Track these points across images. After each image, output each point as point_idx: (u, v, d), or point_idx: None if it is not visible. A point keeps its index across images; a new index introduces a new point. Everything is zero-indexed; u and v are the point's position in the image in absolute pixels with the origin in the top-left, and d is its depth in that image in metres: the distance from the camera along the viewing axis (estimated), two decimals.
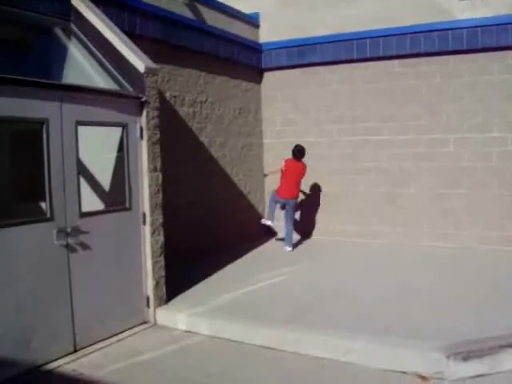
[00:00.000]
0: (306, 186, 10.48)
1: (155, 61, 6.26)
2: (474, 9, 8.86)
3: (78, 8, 6.27)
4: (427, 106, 9.38)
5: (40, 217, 4.89)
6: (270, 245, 10.03)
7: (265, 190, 11.03)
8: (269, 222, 9.54)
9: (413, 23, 9.20)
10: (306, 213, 10.57)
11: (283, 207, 9.50)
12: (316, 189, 10.47)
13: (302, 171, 9.33)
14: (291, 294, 6.57)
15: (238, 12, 10.17)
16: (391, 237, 9.77)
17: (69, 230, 5.01)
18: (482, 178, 8.99)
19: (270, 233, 10.88)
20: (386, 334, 4.99)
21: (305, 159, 9.50)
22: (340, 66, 10.07)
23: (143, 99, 5.82)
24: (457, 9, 9.01)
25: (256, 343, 5.30)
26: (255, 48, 10.51)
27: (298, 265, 8.04)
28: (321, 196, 10.42)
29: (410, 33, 9.26)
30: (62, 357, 4.93)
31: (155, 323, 5.98)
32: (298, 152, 9.30)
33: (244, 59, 10.14)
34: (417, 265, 8.01)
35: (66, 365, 4.83)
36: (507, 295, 6.19)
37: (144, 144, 5.87)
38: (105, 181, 6.32)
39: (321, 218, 10.42)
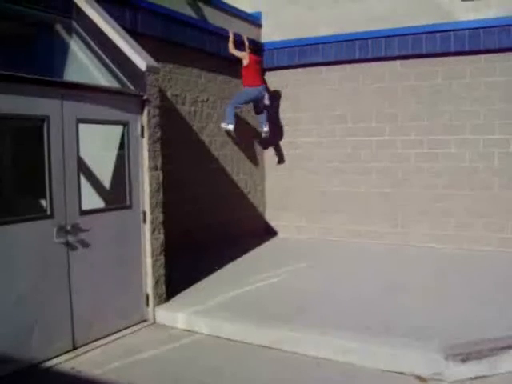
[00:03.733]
0: (306, 184, 10.50)
1: (157, 59, 6.26)
2: (476, 10, 8.85)
3: (80, 5, 6.26)
4: (429, 106, 9.38)
5: (40, 214, 4.89)
6: (270, 243, 10.02)
7: (265, 188, 11.04)
8: (230, 126, 9.54)
9: (415, 24, 9.19)
10: (305, 212, 10.57)
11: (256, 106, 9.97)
12: (315, 188, 10.45)
13: (261, 63, 10.10)
14: (290, 293, 6.56)
15: (240, 11, 10.17)
16: (391, 237, 9.76)
17: (69, 227, 5.01)
18: (484, 179, 8.99)
19: (270, 232, 10.89)
20: (384, 335, 4.99)
21: (306, 159, 9.51)
22: (342, 65, 10.07)
23: (144, 97, 5.82)
24: (459, 10, 9.00)
25: (255, 342, 5.30)
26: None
27: (298, 264, 8.03)
28: (321, 195, 10.41)
29: (412, 33, 9.25)
30: (61, 354, 4.92)
31: (154, 322, 5.97)
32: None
33: None
34: (417, 265, 8.01)
35: (65, 362, 4.82)
36: (507, 296, 6.18)
37: (145, 142, 5.87)
38: (105, 179, 6.33)
39: (321, 217, 10.41)
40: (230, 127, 9.45)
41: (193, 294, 6.50)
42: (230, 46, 9.44)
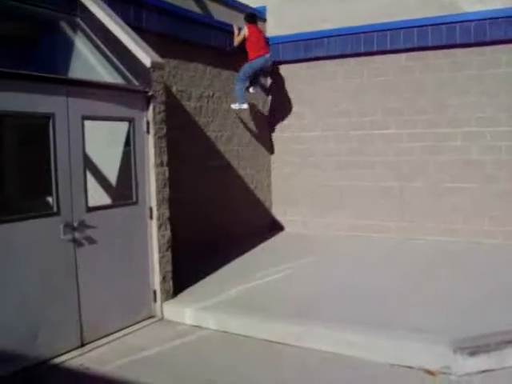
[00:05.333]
0: (312, 179, 10.48)
1: (161, 55, 6.25)
2: (481, 1, 8.78)
3: (84, 2, 6.25)
4: (434, 99, 9.33)
5: (47, 211, 4.90)
6: (276, 239, 10.03)
7: (271, 183, 11.03)
8: (245, 106, 9.50)
9: (420, 16, 9.14)
10: (311, 207, 10.56)
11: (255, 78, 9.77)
12: (320, 183, 10.44)
13: (262, 33, 9.84)
14: (296, 288, 6.57)
15: (245, 6, 10.12)
16: (397, 231, 9.73)
17: (75, 224, 5.02)
18: (490, 172, 8.94)
19: (276, 227, 10.89)
20: (391, 328, 4.98)
21: (311, 153, 9.51)
22: (347, 59, 10.02)
23: (150, 94, 5.82)
24: (464, 1, 8.94)
25: (261, 337, 5.31)
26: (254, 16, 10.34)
27: (303, 259, 8.03)
28: (326, 190, 10.39)
29: (418, 26, 9.19)
30: (69, 351, 4.95)
31: (162, 318, 5.99)
32: (253, 17, 9.59)
33: None
34: (422, 259, 7.99)
35: (73, 359, 4.85)
36: None
37: (150, 138, 5.88)
38: (111, 175, 6.33)
39: (327, 211, 10.40)
40: (245, 107, 9.48)
41: (200, 290, 6.51)
42: (235, 39, 9.43)
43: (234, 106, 9.52)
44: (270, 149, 11.04)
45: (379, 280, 6.79)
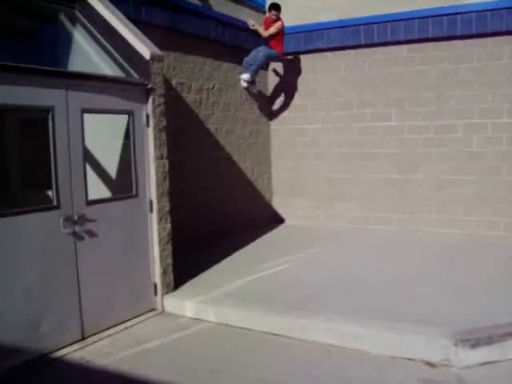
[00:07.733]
0: (313, 171, 10.46)
1: (161, 48, 6.21)
2: None
3: None
4: (435, 91, 9.30)
5: (47, 205, 4.88)
6: (277, 231, 10.01)
7: (272, 175, 11.01)
8: (254, 89, 9.99)
9: (421, 7, 9.08)
10: (312, 199, 10.55)
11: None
12: (322, 175, 10.42)
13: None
14: (299, 280, 6.56)
15: None
16: (399, 223, 9.73)
17: (76, 217, 5.01)
18: (492, 164, 8.92)
19: (277, 219, 10.88)
20: (393, 321, 4.98)
21: (312, 146, 9.52)
22: (347, 51, 9.99)
23: (149, 86, 5.79)
24: None
25: (263, 330, 5.30)
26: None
27: (306, 251, 8.03)
28: (327, 182, 10.38)
29: (418, 17, 9.15)
30: (70, 344, 4.94)
31: (163, 311, 5.99)
32: (279, 8, 9.60)
33: (251, 45, 10.05)
34: (424, 251, 7.98)
35: (74, 352, 4.84)
36: None
37: (150, 131, 5.85)
38: (111, 168, 6.31)
39: (328, 204, 10.38)
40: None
41: (201, 283, 6.50)
42: (262, 33, 9.54)
43: (244, 82, 9.80)
44: (271, 141, 11.02)
45: (381, 272, 6.78)
